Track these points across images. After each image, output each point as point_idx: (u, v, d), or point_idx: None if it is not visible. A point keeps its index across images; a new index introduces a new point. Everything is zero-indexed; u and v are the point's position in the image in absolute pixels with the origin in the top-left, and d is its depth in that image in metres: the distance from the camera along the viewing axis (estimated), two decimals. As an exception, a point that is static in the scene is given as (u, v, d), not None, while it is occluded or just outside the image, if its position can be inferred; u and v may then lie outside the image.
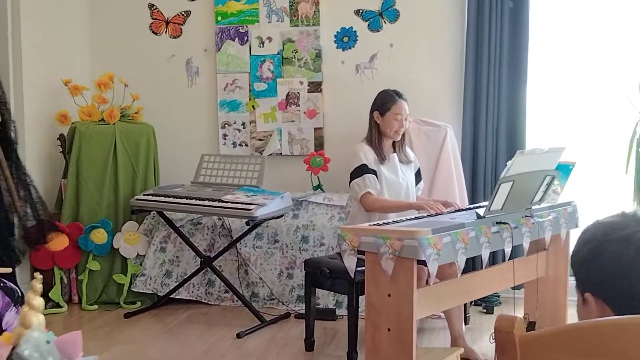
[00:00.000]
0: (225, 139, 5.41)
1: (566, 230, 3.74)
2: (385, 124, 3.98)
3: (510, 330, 1.32)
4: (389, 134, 3.99)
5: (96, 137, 4.96)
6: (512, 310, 4.03)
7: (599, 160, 4.82)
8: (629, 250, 1.33)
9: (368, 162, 3.92)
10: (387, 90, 4.09)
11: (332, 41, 5.21)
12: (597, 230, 1.40)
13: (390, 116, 3.97)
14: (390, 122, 3.97)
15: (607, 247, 1.35)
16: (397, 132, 3.99)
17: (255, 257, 4.86)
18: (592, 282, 1.37)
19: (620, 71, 4.79)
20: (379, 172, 3.94)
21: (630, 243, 1.34)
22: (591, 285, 1.37)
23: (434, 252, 2.86)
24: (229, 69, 5.36)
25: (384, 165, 3.96)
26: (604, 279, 1.35)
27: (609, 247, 1.35)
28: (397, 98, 4.00)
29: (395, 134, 4.00)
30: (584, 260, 1.39)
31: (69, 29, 5.41)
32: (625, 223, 1.38)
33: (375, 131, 4.01)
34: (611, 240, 1.36)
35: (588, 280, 1.38)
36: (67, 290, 5.01)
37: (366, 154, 3.95)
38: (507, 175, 3.16)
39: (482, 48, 4.83)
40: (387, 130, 3.98)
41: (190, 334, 4.36)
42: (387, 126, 3.98)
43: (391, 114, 3.97)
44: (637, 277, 1.32)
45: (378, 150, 3.98)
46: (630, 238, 1.34)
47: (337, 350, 4.02)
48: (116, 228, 5.00)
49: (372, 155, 3.96)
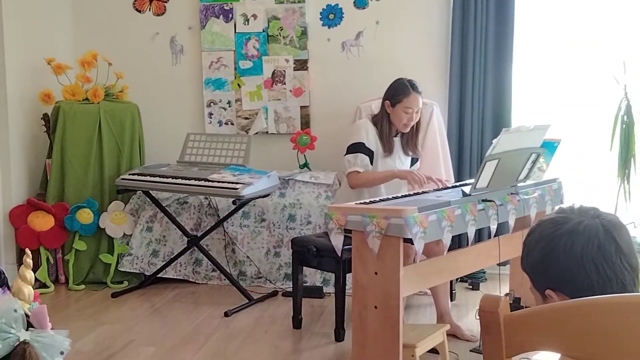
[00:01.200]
0: (211, 117, 5.39)
1: (551, 207, 3.77)
2: (394, 116, 3.93)
3: (495, 310, 1.33)
4: (398, 126, 3.94)
5: (80, 117, 4.92)
6: (497, 287, 4.07)
7: (583, 137, 4.84)
8: (579, 241, 1.37)
9: (368, 141, 3.89)
10: (402, 80, 3.98)
11: (317, 18, 5.18)
12: (543, 229, 1.44)
13: (400, 109, 3.90)
14: (399, 114, 3.91)
15: (558, 243, 1.39)
16: (405, 125, 3.92)
17: (242, 236, 4.86)
18: (550, 278, 1.41)
19: (604, 48, 4.79)
20: (376, 155, 3.92)
21: (577, 234, 1.38)
22: (550, 281, 1.41)
23: (420, 230, 2.88)
24: (214, 47, 5.32)
25: (383, 155, 3.93)
26: (561, 273, 1.39)
27: (560, 242, 1.39)
28: (411, 90, 3.90)
29: (404, 127, 3.93)
30: (539, 260, 1.43)
31: (52, 6, 5.34)
32: (567, 217, 1.42)
33: (385, 119, 3.95)
34: (560, 235, 1.40)
35: (547, 277, 1.42)
36: (53, 271, 5.00)
37: (368, 133, 3.91)
38: (493, 153, 3.18)
39: (468, 25, 4.82)
40: (396, 122, 3.93)
41: (177, 313, 4.37)
42: (396, 118, 3.92)
43: (401, 107, 3.89)
44: (590, 266, 1.36)
45: (382, 137, 3.92)
46: (577, 229, 1.39)
47: (324, 328, 4.05)
48: (102, 208, 4.98)
49: (374, 136, 3.92)
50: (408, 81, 3.96)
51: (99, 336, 3.96)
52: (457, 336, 3.80)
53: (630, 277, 1.37)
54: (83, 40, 5.46)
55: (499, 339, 1.33)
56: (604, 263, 1.35)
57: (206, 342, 3.87)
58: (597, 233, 1.37)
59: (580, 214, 1.42)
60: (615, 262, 1.36)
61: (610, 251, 1.36)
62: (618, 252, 1.36)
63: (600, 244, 1.36)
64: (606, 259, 1.36)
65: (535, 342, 1.29)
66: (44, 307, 1.29)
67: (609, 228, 1.38)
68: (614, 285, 1.35)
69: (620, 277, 1.35)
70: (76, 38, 5.51)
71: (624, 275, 1.36)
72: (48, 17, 5.29)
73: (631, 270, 1.37)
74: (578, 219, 1.40)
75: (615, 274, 1.35)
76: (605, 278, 1.35)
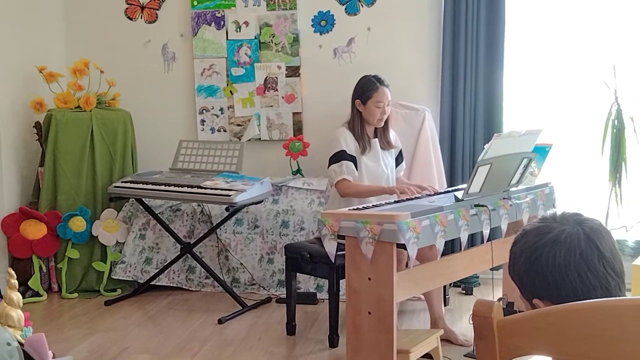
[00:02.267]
0: (204, 124, 5.39)
1: (543, 212, 3.78)
2: (367, 113, 3.97)
3: (488, 315, 1.34)
4: (372, 122, 3.98)
5: (73, 125, 4.92)
6: (491, 291, 4.08)
7: (575, 141, 4.87)
8: (561, 251, 1.38)
9: (348, 149, 3.92)
10: (368, 77, 4.05)
11: (309, 25, 5.20)
12: (527, 239, 1.45)
13: (371, 104, 3.95)
14: (372, 110, 3.96)
15: (541, 253, 1.40)
16: (380, 119, 3.98)
17: (236, 243, 4.86)
18: (536, 288, 1.42)
19: (595, 52, 4.82)
20: (359, 160, 3.94)
21: (559, 243, 1.39)
22: (536, 291, 1.42)
23: (413, 235, 2.89)
24: (206, 54, 5.33)
25: (365, 155, 3.97)
26: (546, 283, 1.40)
27: (543, 253, 1.40)
28: (379, 85, 3.97)
29: (378, 122, 3.99)
30: (524, 270, 1.44)
31: (43, 14, 5.34)
32: (548, 226, 1.43)
33: (357, 119, 4.00)
34: (542, 245, 1.41)
35: (533, 287, 1.43)
36: (46, 279, 4.98)
37: (347, 140, 3.94)
38: (485, 158, 3.18)
39: (459, 31, 4.84)
40: (369, 119, 3.98)
41: (171, 320, 4.37)
42: (370, 115, 3.97)
43: (373, 102, 3.95)
44: (574, 275, 1.37)
45: (360, 138, 3.97)
46: (558, 239, 1.40)
47: (318, 334, 4.05)
48: (95, 216, 4.97)
49: (353, 141, 3.96)
50: (374, 76, 4.03)
51: (92, 344, 3.95)
52: (451, 341, 3.81)
53: (614, 282, 1.37)
54: (75, 48, 5.46)
55: (492, 343, 1.33)
56: (587, 271, 1.36)
57: (200, 349, 3.86)
58: (579, 241, 1.38)
59: (562, 221, 1.43)
60: (599, 269, 1.36)
61: (592, 259, 1.37)
62: (601, 259, 1.37)
63: (583, 253, 1.37)
64: (589, 267, 1.36)
65: (528, 347, 1.30)
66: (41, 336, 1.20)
67: (591, 235, 1.39)
68: (598, 292, 1.36)
69: (604, 284, 1.36)
70: (68, 46, 5.51)
71: (608, 281, 1.37)
72: (40, 25, 5.29)
73: (615, 276, 1.38)
74: (560, 227, 1.41)
75: (599, 281, 1.36)
76: (590, 286, 1.36)
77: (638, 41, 4.78)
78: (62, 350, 3.84)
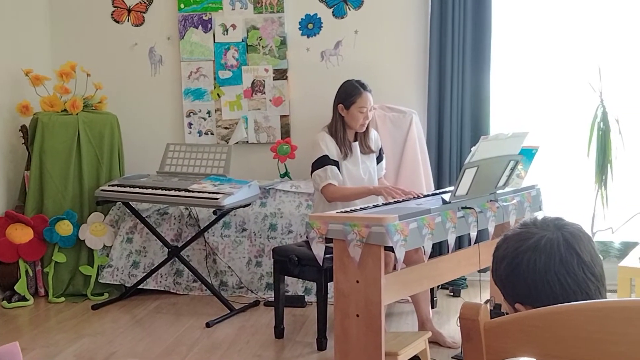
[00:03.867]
0: (191, 127, 5.38)
1: (530, 214, 3.80)
2: (350, 118, 3.97)
3: (475, 317, 1.34)
4: (354, 127, 3.98)
5: (59, 128, 4.89)
6: (478, 293, 4.09)
7: (561, 144, 4.90)
8: (541, 257, 1.39)
9: (330, 153, 3.92)
10: (351, 81, 4.04)
11: (296, 28, 5.20)
12: (508, 245, 1.46)
13: (354, 110, 3.95)
14: (355, 115, 3.95)
15: (522, 259, 1.41)
16: (362, 125, 3.98)
17: (224, 246, 4.85)
18: (518, 293, 1.43)
19: (580, 55, 4.85)
20: (340, 164, 3.94)
21: (538, 250, 1.40)
22: (518, 296, 1.43)
23: (401, 238, 2.89)
24: (193, 57, 5.32)
25: (345, 160, 3.97)
26: (527, 288, 1.41)
27: (524, 259, 1.41)
28: (362, 90, 3.96)
29: (361, 127, 3.98)
30: (506, 276, 1.45)
31: (29, 17, 5.31)
32: (528, 232, 1.44)
33: (339, 124, 3.99)
34: (522, 251, 1.42)
35: (514, 292, 1.44)
36: (32, 283, 4.95)
37: (328, 145, 3.94)
38: (472, 161, 3.20)
39: (445, 34, 4.86)
40: (352, 124, 3.97)
41: (159, 324, 4.35)
42: (352, 120, 3.96)
43: (356, 108, 3.94)
44: (554, 280, 1.38)
45: (342, 144, 3.97)
46: (538, 245, 1.41)
47: (306, 337, 4.05)
48: (81, 219, 4.95)
49: (334, 146, 3.95)
50: (357, 81, 4.02)
51: (80, 348, 3.92)
52: (439, 343, 3.82)
53: (594, 286, 1.38)
54: (61, 51, 5.43)
55: (479, 346, 1.34)
56: (567, 276, 1.37)
57: (188, 353, 3.85)
58: (559, 247, 1.39)
59: (542, 227, 1.44)
60: (578, 274, 1.38)
61: (572, 264, 1.38)
62: (580, 264, 1.38)
63: (562, 258, 1.38)
64: (569, 272, 1.37)
65: (515, 349, 1.30)
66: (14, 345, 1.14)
67: (570, 241, 1.40)
68: (578, 297, 1.37)
69: (584, 289, 1.37)
70: (54, 49, 5.49)
71: (588, 286, 1.38)
72: (26, 28, 5.26)
73: (595, 280, 1.39)
74: (540, 233, 1.42)
75: (579, 286, 1.37)
76: (570, 291, 1.37)
77: (623, 43, 4.81)
78: (48, 355, 3.82)
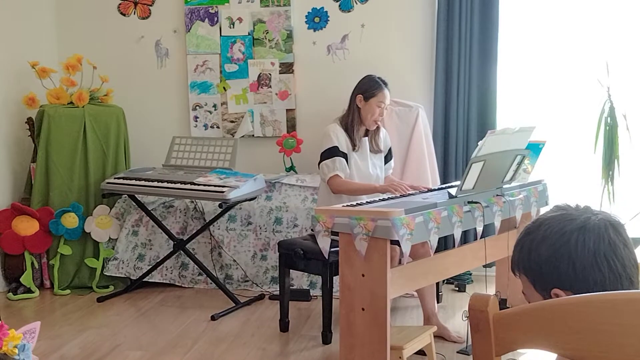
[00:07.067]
0: (197, 121, 5.38)
1: (537, 209, 3.79)
2: (367, 110, 3.96)
3: (484, 308, 1.33)
4: (368, 121, 3.97)
5: (65, 121, 4.89)
6: (483, 288, 4.09)
7: (568, 139, 4.88)
8: (590, 237, 1.35)
9: (339, 145, 3.91)
10: (373, 76, 4.05)
11: (303, 22, 5.19)
12: (549, 226, 1.39)
13: (374, 102, 3.95)
14: (372, 108, 3.95)
15: (569, 238, 1.36)
16: (375, 120, 3.97)
17: (229, 240, 4.85)
18: (560, 276, 1.37)
19: (588, 50, 4.83)
20: (349, 157, 3.94)
21: (588, 230, 1.35)
22: (559, 281, 1.37)
23: (407, 232, 2.89)
24: (199, 50, 5.31)
25: (355, 152, 3.96)
26: (573, 270, 1.35)
27: (571, 239, 1.35)
28: (384, 86, 3.99)
29: (373, 123, 3.98)
30: (546, 258, 1.38)
31: (36, 9, 5.31)
32: (571, 214, 1.39)
33: (355, 115, 3.98)
34: (570, 231, 1.36)
35: (556, 276, 1.37)
36: (38, 275, 4.96)
37: (338, 136, 3.94)
38: (479, 155, 3.19)
39: (452, 28, 4.85)
40: (367, 116, 3.96)
41: (164, 317, 4.35)
42: (369, 112, 3.95)
43: (375, 101, 3.95)
44: (603, 262, 1.34)
45: (351, 135, 3.96)
46: (587, 225, 1.36)
47: (311, 331, 4.05)
48: (87, 212, 4.95)
49: (344, 138, 3.95)
50: (379, 77, 4.04)
51: (85, 341, 3.93)
52: (444, 338, 3.81)
53: (635, 272, 1.36)
54: (67, 44, 5.43)
55: (488, 337, 1.33)
56: (615, 259, 1.34)
57: (193, 346, 3.85)
58: (607, 229, 1.35)
59: (582, 211, 1.40)
60: (625, 257, 1.35)
61: (619, 247, 1.35)
62: (625, 249, 1.35)
63: (611, 240, 1.34)
64: (617, 254, 1.34)
65: (524, 341, 1.30)
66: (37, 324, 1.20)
67: (616, 225, 1.37)
68: (624, 281, 1.34)
69: (629, 273, 1.34)
70: (60, 41, 5.49)
71: (632, 271, 1.35)
72: (32, 21, 5.26)
73: (635, 267, 1.37)
74: (584, 214, 1.38)
75: (625, 270, 1.34)
76: (617, 274, 1.33)
77: (631, 39, 4.79)
78: (53, 347, 3.82)
